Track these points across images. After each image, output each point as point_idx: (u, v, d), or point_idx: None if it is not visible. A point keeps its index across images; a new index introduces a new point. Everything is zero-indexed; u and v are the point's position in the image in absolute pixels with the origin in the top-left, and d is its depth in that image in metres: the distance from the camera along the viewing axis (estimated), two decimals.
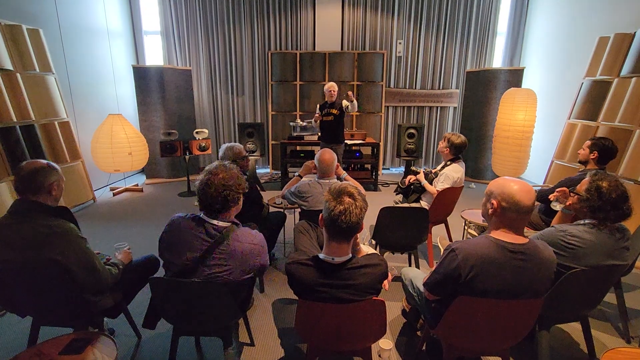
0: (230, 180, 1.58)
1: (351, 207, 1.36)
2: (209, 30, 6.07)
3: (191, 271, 1.52)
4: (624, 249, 1.68)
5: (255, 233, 1.65)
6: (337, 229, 1.38)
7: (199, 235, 1.54)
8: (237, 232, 1.59)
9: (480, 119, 5.74)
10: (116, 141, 4.71)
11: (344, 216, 1.35)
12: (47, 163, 1.64)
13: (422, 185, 3.03)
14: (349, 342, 1.56)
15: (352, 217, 1.36)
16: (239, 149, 2.67)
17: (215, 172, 1.59)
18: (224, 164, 1.66)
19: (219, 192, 1.54)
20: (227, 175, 1.59)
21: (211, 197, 1.55)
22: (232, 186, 1.58)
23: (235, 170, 1.66)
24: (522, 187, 1.38)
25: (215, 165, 1.64)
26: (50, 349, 1.37)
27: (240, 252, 1.54)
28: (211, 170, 1.61)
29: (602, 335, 2.20)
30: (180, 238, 1.56)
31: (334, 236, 1.41)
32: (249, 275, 1.60)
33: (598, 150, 2.57)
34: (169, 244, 1.59)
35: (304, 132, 5.29)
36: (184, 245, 1.54)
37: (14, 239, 1.50)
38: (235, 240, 1.55)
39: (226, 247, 1.53)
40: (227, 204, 1.58)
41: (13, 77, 3.64)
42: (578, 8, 5.02)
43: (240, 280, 1.57)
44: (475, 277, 1.39)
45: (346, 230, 1.37)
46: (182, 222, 1.60)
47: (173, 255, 1.56)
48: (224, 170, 1.61)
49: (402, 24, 6.11)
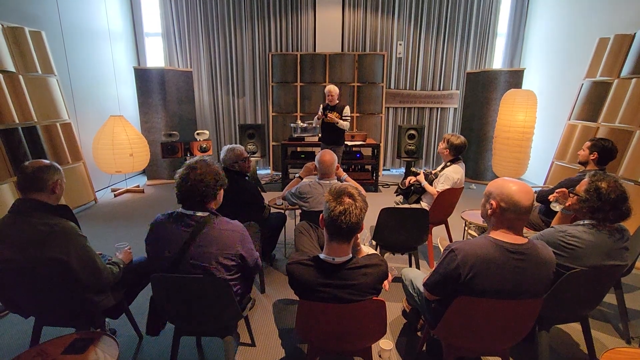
0: (208, 175, 1.60)
1: (351, 208, 1.37)
2: (210, 32, 6.09)
3: (176, 263, 1.54)
4: (623, 249, 1.69)
5: (235, 222, 1.67)
6: (337, 229, 1.39)
7: (179, 228, 1.56)
8: (215, 220, 1.61)
9: (481, 120, 5.75)
10: (117, 142, 4.73)
11: (343, 216, 1.36)
12: (51, 162, 1.68)
13: (422, 186, 3.04)
14: (350, 342, 1.57)
15: (352, 218, 1.36)
16: (240, 151, 2.69)
17: (194, 167, 1.61)
18: (204, 159, 1.68)
19: (195, 186, 1.57)
20: (206, 170, 1.61)
21: (187, 191, 1.58)
22: (209, 182, 1.60)
23: (215, 166, 1.67)
24: (521, 188, 1.39)
25: (195, 160, 1.66)
26: (52, 349, 1.38)
27: (218, 237, 1.56)
28: (190, 164, 1.63)
29: (602, 336, 2.20)
30: (162, 235, 1.59)
31: (334, 236, 1.42)
32: (234, 264, 1.60)
33: (598, 151, 2.57)
34: (152, 242, 1.61)
35: (305, 134, 5.30)
36: (166, 240, 1.57)
37: (15, 237, 1.51)
38: (213, 228, 1.57)
39: (204, 235, 1.55)
40: (204, 199, 1.60)
41: (15, 79, 3.66)
42: (578, 9, 5.03)
43: (226, 275, 1.58)
44: (475, 277, 1.39)
45: (346, 230, 1.38)
46: (162, 220, 1.62)
47: (158, 253, 1.58)
48: (204, 165, 1.63)
49: (402, 25, 6.12)
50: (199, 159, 1.68)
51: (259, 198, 2.67)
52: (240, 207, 2.53)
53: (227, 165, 2.64)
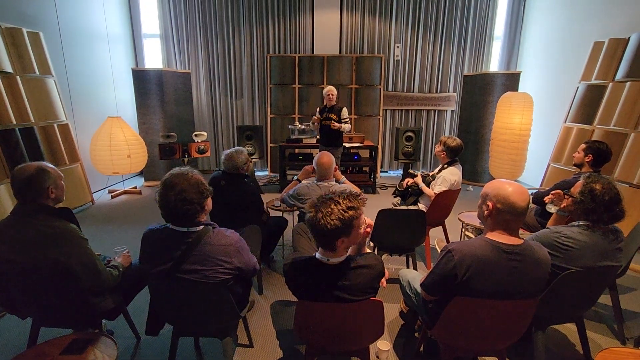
0: (190, 192, 1.46)
1: (322, 216, 1.35)
2: (208, 34, 6.10)
3: (171, 277, 1.49)
4: (617, 250, 1.71)
5: (230, 234, 1.57)
6: (316, 236, 1.41)
7: (170, 245, 1.50)
8: (211, 234, 1.52)
9: (478, 123, 5.79)
10: (115, 144, 4.72)
11: (315, 223, 1.36)
12: (36, 168, 1.57)
13: (419, 188, 3.05)
14: (348, 342, 1.58)
15: (322, 227, 1.34)
16: (244, 156, 2.64)
17: (172, 185, 1.46)
18: (182, 172, 1.52)
19: (178, 208, 1.45)
20: (185, 186, 1.46)
21: (171, 212, 1.48)
22: (192, 199, 1.46)
23: (195, 177, 1.52)
24: (517, 189, 1.41)
25: (173, 175, 1.50)
26: (51, 350, 1.38)
27: (212, 254, 1.49)
28: (167, 182, 1.48)
29: (598, 337, 2.22)
30: (154, 250, 1.53)
31: (317, 242, 1.43)
32: (230, 276, 1.55)
33: (593, 153, 2.60)
34: (145, 257, 1.56)
35: (303, 135, 5.32)
36: (158, 256, 1.51)
37: (17, 239, 1.51)
38: (207, 244, 1.49)
39: (198, 252, 1.48)
40: (190, 217, 1.50)
41: (13, 80, 3.66)
42: (573, 13, 5.09)
43: (223, 280, 1.53)
44: (471, 278, 1.41)
45: (323, 238, 1.38)
46: (154, 235, 1.55)
47: (151, 267, 1.53)
48: (182, 180, 1.48)
49: (400, 28, 6.16)
50: (177, 172, 1.52)
51: (260, 202, 2.67)
52: (239, 211, 2.53)
53: (228, 169, 2.62)
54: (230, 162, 2.59)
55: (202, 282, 1.50)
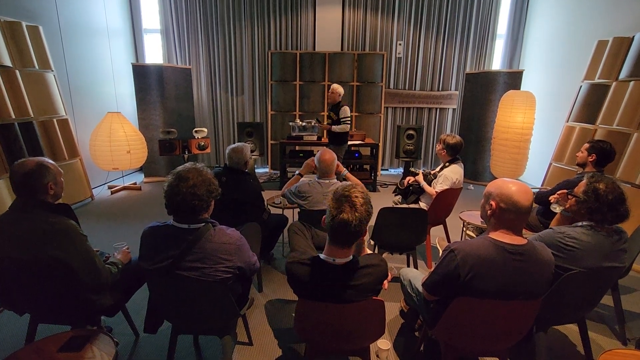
0: (201, 187, 1.47)
1: (351, 218, 1.32)
2: (209, 29, 6.06)
3: (170, 274, 1.47)
4: (621, 251, 1.69)
5: (231, 232, 1.57)
6: (337, 235, 1.38)
7: (171, 241, 1.48)
8: (212, 231, 1.51)
9: (479, 121, 5.76)
10: (115, 139, 4.70)
11: (346, 225, 1.32)
12: (37, 164, 1.57)
13: (421, 186, 3.04)
14: (348, 341, 1.56)
15: (352, 228, 1.33)
16: (246, 151, 2.62)
17: (185, 178, 1.46)
18: (196, 167, 1.54)
19: (187, 201, 1.45)
20: (198, 181, 1.47)
21: (178, 205, 1.47)
22: (202, 195, 1.47)
23: (208, 174, 1.54)
24: (520, 188, 1.39)
25: (187, 169, 1.51)
26: (49, 346, 1.37)
27: (212, 252, 1.48)
28: (181, 174, 1.48)
29: (599, 337, 2.21)
30: (154, 247, 1.51)
31: (334, 241, 1.40)
32: (230, 275, 1.53)
33: (596, 152, 2.58)
34: (144, 255, 1.54)
35: (303, 132, 5.30)
36: (158, 253, 1.49)
37: (15, 235, 1.50)
38: (207, 241, 1.48)
39: (198, 250, 1.47)
40: (196, 213, 1.49)
41: (12, 74, 3.63)
42: (577, 12, 5.05)
43: (223, 279, 1.52)
44: (474, 278, 1.39)
45: (346, 238, 1.37)
46: (154, 231, 1.54)
47: (151, 265, 1.51)
48: (195, 175, 1.48)
49: (402, 25, 6.12)
50: (190, 166, 1.53)
51: (261, 200, 2.65)
52: (240, 208, 2.51)
53: (232, 165, 2.60)
54: (236, 155, 2.57)
55: (202, 280, 1.49)
